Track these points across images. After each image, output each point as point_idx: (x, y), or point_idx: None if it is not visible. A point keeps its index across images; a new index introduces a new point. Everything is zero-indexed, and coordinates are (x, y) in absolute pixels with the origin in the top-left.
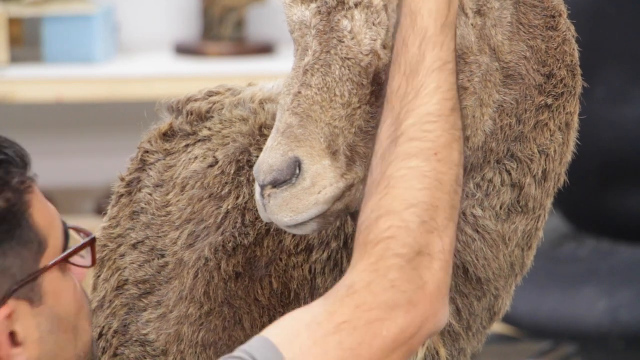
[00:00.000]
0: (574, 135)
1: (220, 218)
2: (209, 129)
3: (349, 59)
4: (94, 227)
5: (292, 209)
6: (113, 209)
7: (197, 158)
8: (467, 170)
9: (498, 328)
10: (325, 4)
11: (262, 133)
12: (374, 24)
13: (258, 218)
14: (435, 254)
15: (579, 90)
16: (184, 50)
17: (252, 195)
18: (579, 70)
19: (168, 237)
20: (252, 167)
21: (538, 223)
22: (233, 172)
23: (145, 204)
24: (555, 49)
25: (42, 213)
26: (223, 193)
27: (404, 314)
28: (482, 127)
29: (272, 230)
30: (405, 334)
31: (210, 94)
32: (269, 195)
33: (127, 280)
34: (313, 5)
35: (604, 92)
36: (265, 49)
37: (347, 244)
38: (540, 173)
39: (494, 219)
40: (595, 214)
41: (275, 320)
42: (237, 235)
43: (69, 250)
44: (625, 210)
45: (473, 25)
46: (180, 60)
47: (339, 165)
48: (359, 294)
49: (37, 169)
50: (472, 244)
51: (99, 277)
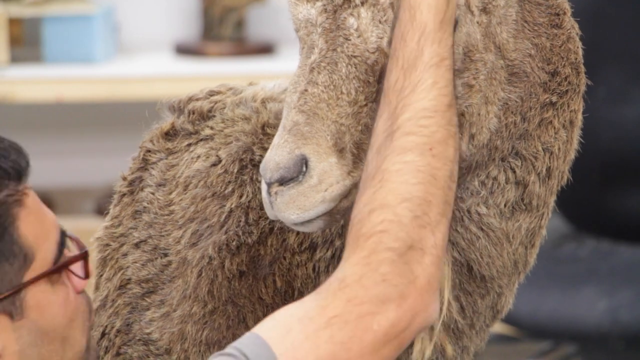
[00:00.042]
0: (578, 133)
1: (224, 217)
2: (211, 128)
3: (355, 57)
4: (94, 227)
5: (298, 207)
6: (115, 208)
7: (199, 157)
8: (471, 168)
9: (498, 328)
10: (331, 2)
11: (264, 132)
12: (380, 22)
13: (261, 216)
14: (427, 249)
15: (583, 88)
16: (184, 50)
17: (255, 194)
18: (583, 68)
19: (171, 235)
20: (255, 165)
21: (541, 221)
22: (236, 170)
23: (148, 203)
24: (560, 47)
25: (31, 225)
26: (226, 192)
27: (395, 308)
28: (487, 124)
29: (275, 229)
30: (396, 328)
31: (212, 93)
32: (276, 193)
33: (129, 279)
34: (319, 3)
35: (604, 91)
36: (265, 49)
37: None
38: (544, 171)
39: (498, 217)
40: (595, 214)
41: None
42: (240, 234)
43: (53, 267)
44: (625, 210)
45: (478, 23)
46: (180, 60)
47: (346, 163)
48: (350, 288)
49: (37, 169)
50: (476, 242)
51: (102, 276)
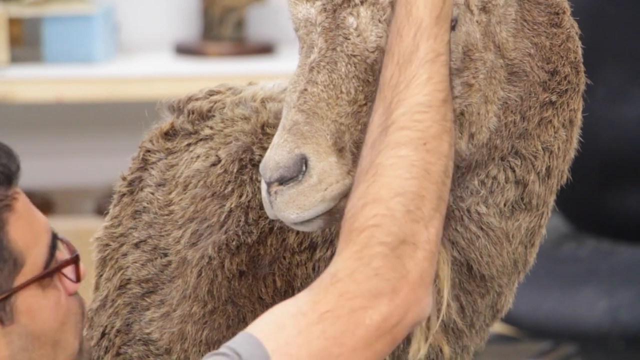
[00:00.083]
0: (577, 132)
1: (224, 216)
2: (211, 128)
3: (355, 56)
4: (94, 227)
5: (298, 206)
6: (115, 208)
7: (199, 157)
8: (471, 167)
9: (498, 328)
10: (331, 1)
11: (264, 131)
12: (380, 21)
13: (261, 216)
14: (420, 244)
15: (582, 87)
16: (184, 50)
17: (255, 194)
18: (582, 67)
19: (171, 235)
20: (254, 165)
21: (541, 220)
22: (236, 170)
23: (147, 203)
24: (559, 46)
25: (21, 230)
26: (226, 191)
27: (387, 302)
28: (486, 124)
29: (275, 229)
30: (388, 322)
31: (211, 93)
32: (276, 192)
33: (129, 279)
34: (318, 3)
35: (604, 91)
36: (265, 49)
37: None
38: (544, 170)
39: (498, 216)
40: (595, 214)
41: None
42: (240, 234)
43: (43, 272)
44: (625, 210)
45: (478, 22)
46: (180, 60)
47: (345, 162)
48: (343, 282)
49: (37, 169)
50: (476, 241)
51: (101, 276)
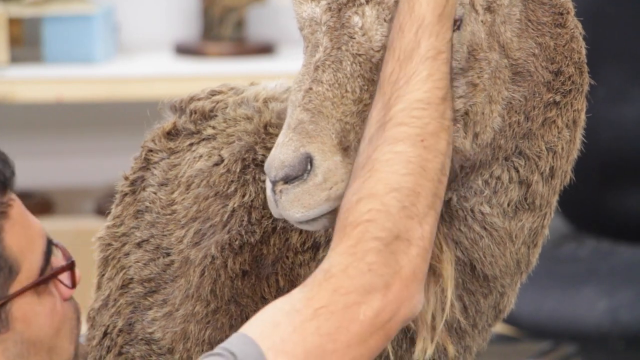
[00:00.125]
0: (581, 133)
1: (227, 216)
2: (213, 128)
3: (360, 55)
4: (94, 227)
5: (303, 205)
6: (117, 208)
7: (201, 156)
8: (475, 167)
9: (498, 328)
10: (336, 0)
11: (267, 131)
12: (385, 20)
13: (264, 216)
14: (414, 240)
15: (586, 88)
16: (184, 50)
17: (258, 193)
18: (586, 68)
19: (173, 235)
20: (257, 165)
21: (544, 220)
22: (239, 170)
23: (150, 203)
24: (563, 46)
25: (16, 236)
26: (229, 191)
27: (380, 298)
28: (490, 123)
29: (278, 228)
30: (381, 318)
31: (213, 93)
32: (281, 191)
33: (131, 279)
34: (323, 2)
35: (604, 91)
36: (265, 49)
37: None
38: (548, 170)
39: (502, 216)
40: (595, 214)
41: None
42: (243, 233)
43: (39, 279)
44: (625, 210)
45: (483, 22)
46: (180, 60)
47: (351, 161)
48: (336, 278)
49: (37, 169)
50: (479, 241)
51: (103, 275)
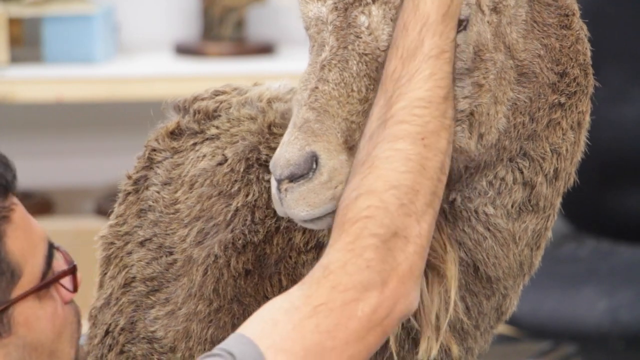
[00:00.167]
0: (585, 135)
1: (230, 215)
2: (217, 127)
3: (366, 55)
4: (94, 227)
5: (308, 203)
6: (120, 207)
7: (205, 156)
8: (479, 168)
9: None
10: (342, 0)
11: (271, 131)
12: (392, 20)
13: (267, 215)
14: (411, 238)
15: (591, 89)
16: (184, 50)
17: (261, 193)
18: (591, 69)
19: (176, 234)
20: (261, 165)
21: (547, 222)
22: (242, 169)
23: (153, 202)
24: (569, 48)
25: (19, 241)
26: (232, 190)
27: (377, 294)
28: (495, 124)
29: (281, 228)
30: (378, 314)
31: (217, 93)
32: (286, 190)
33: (134, 278)
34: (329, 1)
35: (604, 91)
36: (265, 49)
37: None
38: (552, 172)
39: (505, 217)
40: (595, 214)
41: None
42: (246, 233)
43: (41, 283)
44: (625, 210)
45: (489, 22)
46: (180, 60)
47: None
48: (335, 274)
49: (37, 169)
50: (483, 242)
51: (106, 274)
